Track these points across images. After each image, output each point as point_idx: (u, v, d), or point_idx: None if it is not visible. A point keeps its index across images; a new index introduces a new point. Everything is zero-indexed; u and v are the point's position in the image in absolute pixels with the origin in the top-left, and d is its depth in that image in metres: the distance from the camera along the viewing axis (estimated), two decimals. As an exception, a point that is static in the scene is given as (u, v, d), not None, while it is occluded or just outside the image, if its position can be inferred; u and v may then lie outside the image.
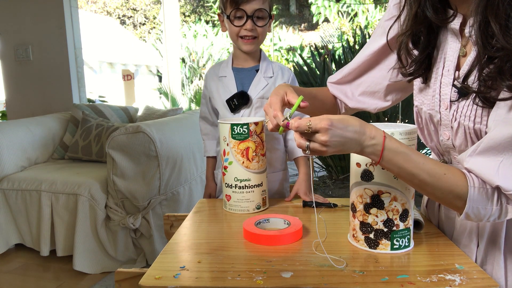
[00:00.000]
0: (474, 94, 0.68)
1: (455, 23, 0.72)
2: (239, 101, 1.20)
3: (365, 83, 0.96)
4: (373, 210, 0.74)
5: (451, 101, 0.73)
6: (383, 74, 0.92)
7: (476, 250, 0.77)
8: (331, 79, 1.02)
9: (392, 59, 0.89)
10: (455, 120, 0.73)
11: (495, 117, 0.65)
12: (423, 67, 0.79)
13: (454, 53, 0.74)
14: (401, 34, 0.79)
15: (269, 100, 0.79)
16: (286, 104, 0.80)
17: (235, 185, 1.01)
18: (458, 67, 0.74)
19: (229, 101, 1.21)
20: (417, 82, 0.83)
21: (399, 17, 0.81)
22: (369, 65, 0.94)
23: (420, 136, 0.86)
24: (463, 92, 0.71)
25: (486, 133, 0.68)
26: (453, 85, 0.73)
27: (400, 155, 0.66)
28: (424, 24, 0.75)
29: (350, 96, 0.99)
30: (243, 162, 1.00)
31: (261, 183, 1.03)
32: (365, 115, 2.78)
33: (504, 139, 0.62)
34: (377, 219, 0.74)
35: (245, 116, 1.21)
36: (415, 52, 0.79)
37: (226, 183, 1.04)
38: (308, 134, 0.65)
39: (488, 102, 0.66)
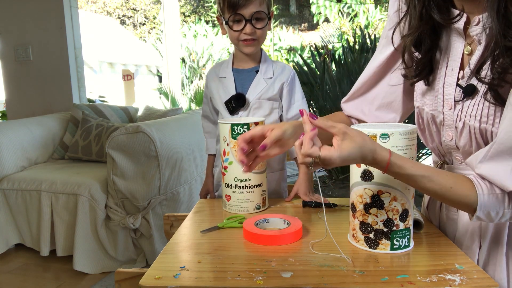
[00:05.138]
0: (485, 91, 0.68)
1: (460, 23, 0.72)
2: (235, 103, 1.20)
3: (380, 95, 0.93)
4: (373, 210, 0.74)
5: (455, 101, 0.73)
6: (396, 80, 0.90)
7: (478, 252, 0.77)
8: (343, 100, 0.99)
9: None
10: (460, 120, 0.72)
11: (506, 120, 0.64)
12: (426, 70, 0.78)
13: (459, 52, 0.74)
14: (405, 35, 0.79)
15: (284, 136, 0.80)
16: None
17: (235, 185, 1.01)
18: (462, 67, 0.74)
19: (227, 103, 1.21)
20: (420, 85, 0.83)
21: (400, 22, 0.81)
22: (379, 75, 0.92)
23: (421, 137, 0.86)
24: (469, 90, 0.71)
25: (492, 132, 0.68)
26: (458, 85, 0.73)
27: (402, 177, 0.67)
28: (428, 24, 0.75)
29: (367, 113, 0.95)
30: (243, 162, 1.00)
31: (261, 183, 1.03)
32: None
33: None
34: (377, 219, 0.74)
35: (243, 117, 1.21)
36: (417, 54, 0.79)
37: (226, 183, 1.04)
38: None
39: (499, 99, 0.66)
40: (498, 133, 0.65)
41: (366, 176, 0.74)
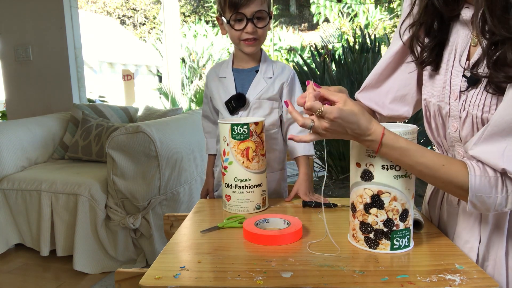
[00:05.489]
0: (485, 82, 0.69)
1: (467, 14, 0.74)
2: (236, 103, 1.20)
3: (393, 88, 0.94)
4: (373, 210, 0.74)
5: (460, 91, 0.74)
6: (409, 72, 0.91)
7: (478, 246, 0.77)
8: (358, 91, 1.00)
9: None
10: (464, 110, 0.74)
11: (502, 104, 0.66)
12: (434, 54, 0.80)
13: (465, 43, 0.76)
14: (412, 24, 0.80)
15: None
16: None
17: (235, 185, 1.01)
18: (468, 58, 0.75)
19: (227, 103, 1.21)
20: (427, 70, 0.84)
21: (410, 12, 0.82)
22: (393, 67, 0.93)
23: (427, 130, 0.86)
24: (473, 80, 0.72)
25: None
26: (463, 75, 0.74)
27: (396, 150, 0.69)
28: (434, 14, 0.77)
29: (381, 105, 0.96)
30: (243, 162, 1.00)
31: (261, 183, 1.03)
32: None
33: (507, 124, 0.64)
34: (377, 219, 0.74)
35: (243, 117, 1.21)
36: (426, 40, 0.81)
37: (226, 183, 1.04)
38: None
39: (499, 90, 0.67)
40: (492, 117, 0.67)
41: (366, 176, 0.74)
